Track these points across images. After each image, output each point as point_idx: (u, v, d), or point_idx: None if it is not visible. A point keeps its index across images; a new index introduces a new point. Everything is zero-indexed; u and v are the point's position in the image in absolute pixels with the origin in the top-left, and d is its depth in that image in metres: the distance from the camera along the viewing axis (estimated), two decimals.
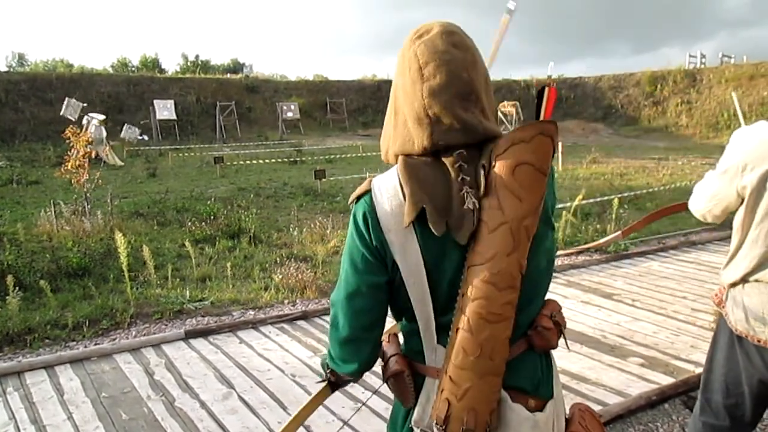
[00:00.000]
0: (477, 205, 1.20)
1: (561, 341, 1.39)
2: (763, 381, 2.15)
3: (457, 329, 1.22)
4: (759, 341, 2.07)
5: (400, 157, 1.28)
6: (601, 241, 4.24)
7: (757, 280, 2.05)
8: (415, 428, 1.31)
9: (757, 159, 1.96)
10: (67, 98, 14.82)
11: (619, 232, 3.61)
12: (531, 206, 1.20)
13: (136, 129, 14.44)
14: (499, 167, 1.20)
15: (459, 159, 1.23)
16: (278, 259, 6.89)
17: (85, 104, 18.23)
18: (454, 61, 1.24)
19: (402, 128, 1.30)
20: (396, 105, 1.33)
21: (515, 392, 1.29)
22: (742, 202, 2.06)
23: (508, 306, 1.21)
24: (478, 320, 1.20)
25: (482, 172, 1.22)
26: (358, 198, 1.31)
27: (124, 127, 14.54)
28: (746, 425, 2.27)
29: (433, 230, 1.20)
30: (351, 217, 1.33)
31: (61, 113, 13.82)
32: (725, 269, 2.18)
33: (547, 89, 1.43)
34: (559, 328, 1.35)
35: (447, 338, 1.26)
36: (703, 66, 30.11)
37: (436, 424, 1.24)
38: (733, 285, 2.15)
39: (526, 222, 1.20)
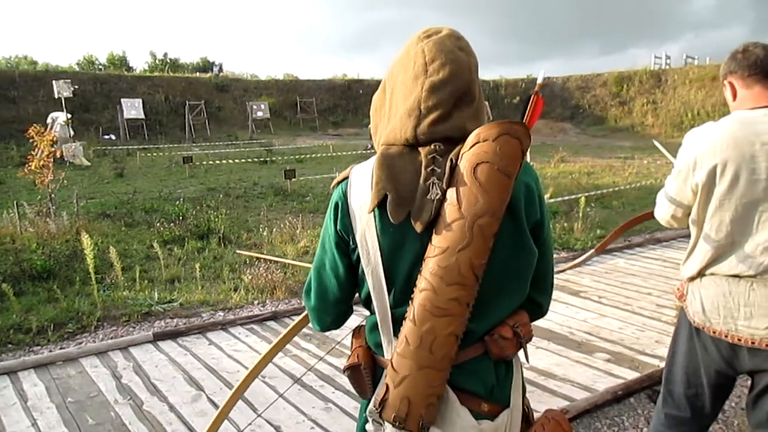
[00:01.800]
0: (440, 195, 1.23)
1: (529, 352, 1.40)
2: (719, 372, 2.22)
3: (406, 319, 1.25)
4: (714, 333, 2.13)
5: (381, 147, 1.35)
6: (578, 261, 4.10)
7: (712, 274, 2.11)
8: (368, 418, 1.32)
9: (706, 156, 2.02)
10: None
11: (593, 250, 3.62)
12: (489, 206, 1.20)
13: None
14: (463, 163, 1.23)
15: (434, 151, 1.28)
16: (248, 259, 6.84)
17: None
18: (458, 61, 1.30)
19: (394, 120, 1.35)
20: (391, 99, 1.38)
21: (466, 395, 1.30)
22: None
23: (454, 302, 1.21)
24: (422, 311, 1.22)
25: (449, 165, 1.24)
26: (337, 184, 1.39)
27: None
28: (706, 416, 2.34)
29: (390, 218, 1.24)
30: (330, 201, 1.41)
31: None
32: (684, 264, 2.25)
33: (533, 97, 1.41)
34: (519, 339, 1.34)
35: None
36: (668, 67, 30.73)
37: (373, 406, 1.27)
38: (692, 279, 2.21)
39: (481, 221, 1.20)
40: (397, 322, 1.29)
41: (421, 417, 1.24)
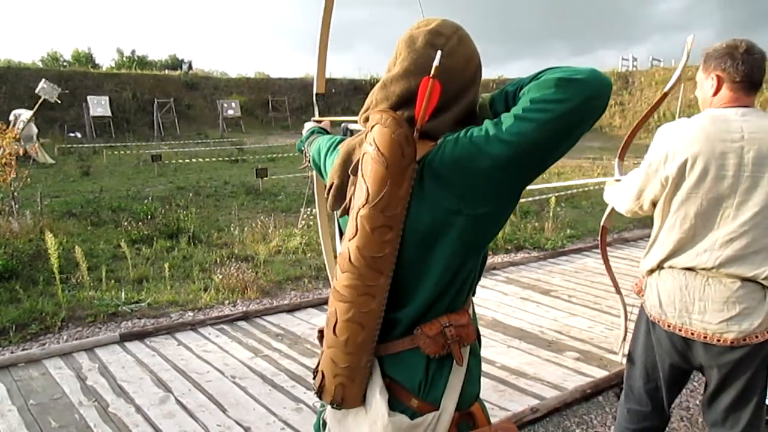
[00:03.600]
0: (352, 185, 1.30)
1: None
2: (673, 365, 2.28)
3: None
4: (669, 326, 2.18)
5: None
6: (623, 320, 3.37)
7: (671, 267, 2.17)
8: None
9: (678, 150, 2.06)
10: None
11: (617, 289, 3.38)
12: (367, 198, 1.20)
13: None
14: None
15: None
16: (218, 259, 6.76)
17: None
18: (420, 60, 1.23)
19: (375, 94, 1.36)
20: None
21: (397, 386, 1.32)
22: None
23: (349, 289, 1.25)
24: (331, 293, 1.30)
25: (359, 156, 1.28)
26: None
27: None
28: (665, 409, 2.40)
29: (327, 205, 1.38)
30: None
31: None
32: (644, 258, 2.31)
33: (428, 82, 1.16)
34: (446, 340, 1.27)
35: None
36: (634, 69, 31.27)
37: (314, 370, 1.41)
38: (651, 272, 2.27)
39: (362, 212, 1.21)
40: None
41: (331, 394, 1.32)
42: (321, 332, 1.44)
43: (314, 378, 1.39)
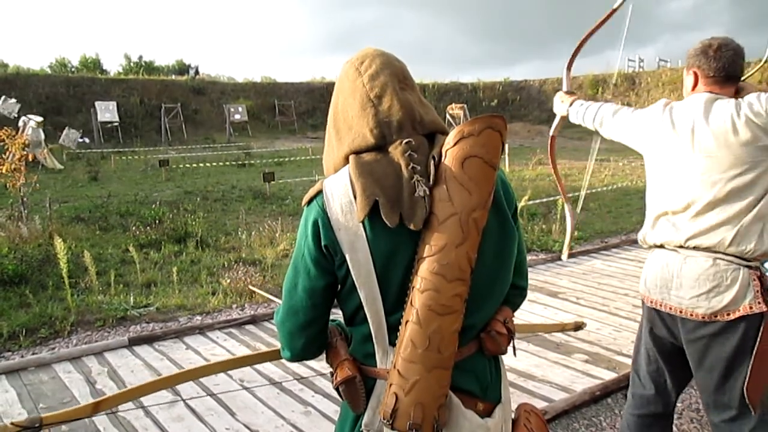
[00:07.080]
0: (428, 192, 1.23)
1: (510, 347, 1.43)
2: (665, 341, 2.35)
3: (407, 322, 1.23)
4: (652, 302, 2.30)
5: (351, 156, 1.31)
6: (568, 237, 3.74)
7: (653, 245, 2.31)
8: (365, 431, 1.30)
9: (656, 123, 2.25)
10: (4, 96, 13.97)
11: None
12: (480, 199, 1.23)
13: (76, 132, 13.67)
14: (449, 159, 1.24)
15: (408, 148, 1.27)
16: (226, 263, 6.78)
17: (20, 104, 17.29)
18: (386, 55, 1.38)
19: (347, 133, 1.34)
20: (337, 125, 1.39)
21: (464, 395, 1.30)
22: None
23: (457, 298, 1.22)
24: (427, 312, 1.21)
25: (432, 162, 1.25)
26: (311, 200, 1.33)
27: (64, 131, 13.83)
28: (668, 393, 2.43)
29: (386, 222, 1.21)
30: (302, 219, 1.35)
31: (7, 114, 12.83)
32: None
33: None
34: (511, 334, 1.37)
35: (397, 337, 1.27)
36: (641, 70, 31.17)
37: (383, 419, 1.24)
38: (648, 248, 2.40)
39: (475, 215, 1.23)
40: (392, 331, 1.28)
41: (435, 420, 1.23)
42: (355, 380, 1.34)
43: (396, 421, 1.23)
